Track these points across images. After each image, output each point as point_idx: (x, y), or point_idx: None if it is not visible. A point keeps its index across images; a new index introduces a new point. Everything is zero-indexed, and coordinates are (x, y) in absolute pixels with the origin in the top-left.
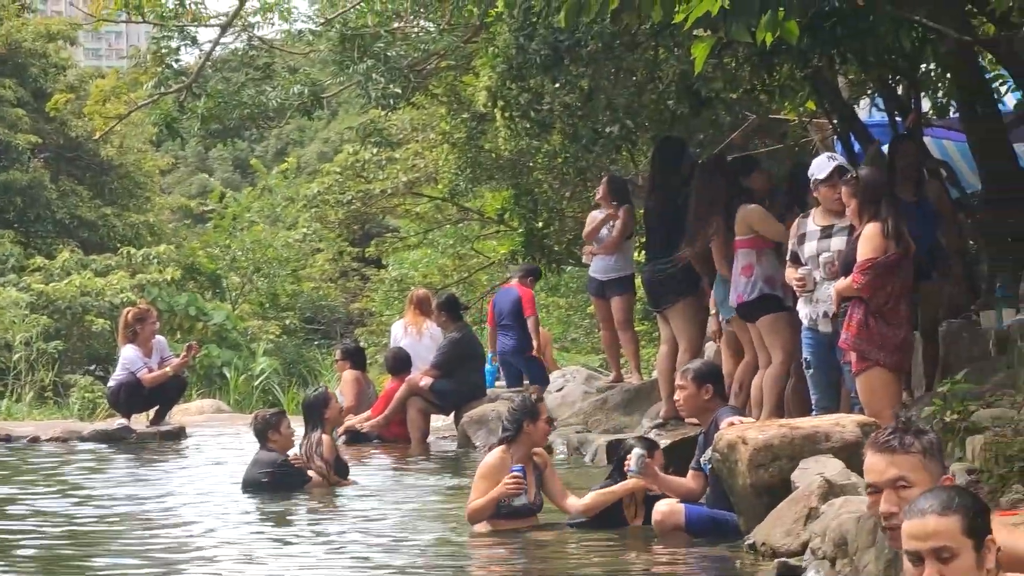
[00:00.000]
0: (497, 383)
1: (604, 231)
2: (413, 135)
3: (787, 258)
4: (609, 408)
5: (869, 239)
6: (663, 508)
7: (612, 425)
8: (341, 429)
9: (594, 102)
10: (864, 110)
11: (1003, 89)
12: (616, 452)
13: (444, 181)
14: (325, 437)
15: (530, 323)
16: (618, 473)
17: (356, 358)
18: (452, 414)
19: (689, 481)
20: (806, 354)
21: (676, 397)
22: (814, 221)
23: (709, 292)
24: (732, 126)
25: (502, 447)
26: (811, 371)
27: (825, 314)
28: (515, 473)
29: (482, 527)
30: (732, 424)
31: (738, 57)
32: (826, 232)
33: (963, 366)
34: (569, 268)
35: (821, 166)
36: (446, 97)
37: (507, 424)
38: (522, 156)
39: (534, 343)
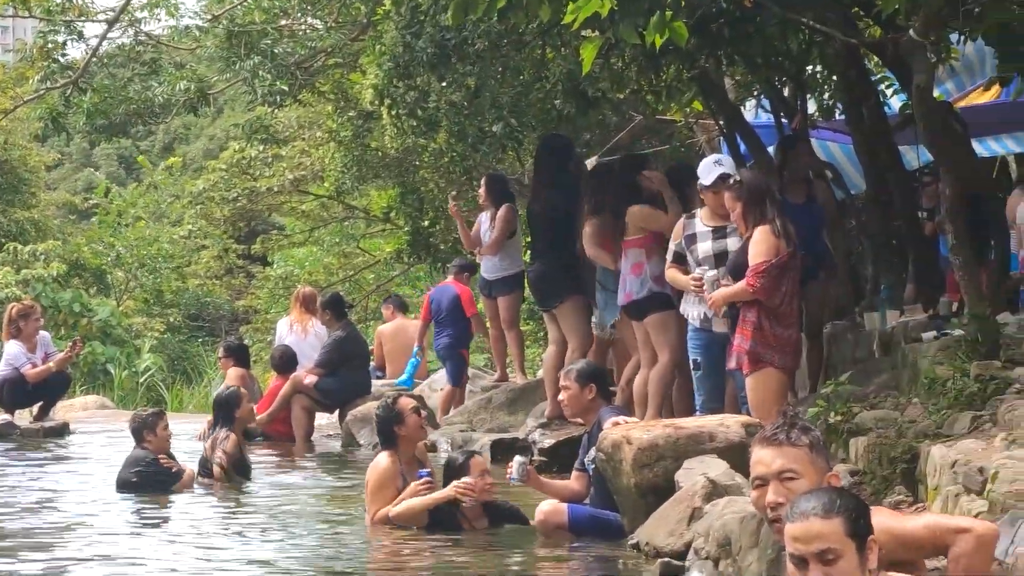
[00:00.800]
0: (377, 380)
1: (487, 231)
2: (300, 133)
3: (669, 258)
4: (494, 407)
5: (761, 241)
6: (546, 508)
7: (496, 424)
8: None
9: (480, 101)
10: (750, 111)
11: (889, 92)
12: (450, 464)
13: (330, 179)
14: (232, 435)
15: (474, 322)
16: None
17: (240, 355)
18: (337, 412)
19: (573, 483)
20: (695, 355)
21: (560, 397)
22: (703, 221)
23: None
24: (619, 126)
25: (388, 452)
26: (699, 372)
27: (726, 314)
28: (425, 479)
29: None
30: (617, 424)
31: (625, 57)
32: (719, 232)
33: (847, 367)
34: None
35: (706, 171)
36: (333, 95)
37: (380, 437)
38: (408, 154)
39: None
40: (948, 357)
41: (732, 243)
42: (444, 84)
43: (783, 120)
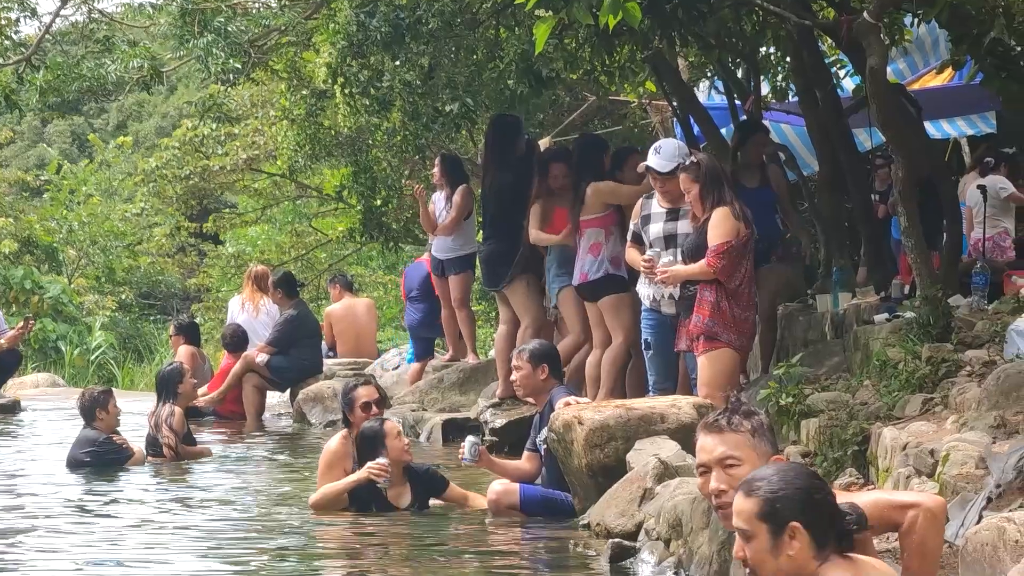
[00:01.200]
0: (329, 359)
1: (443, 212)
2: (253, 111)
3: (628, 238)
4: (445, 387)
5: (721, 223)
6: (498, 488)
7: (448, 404)
8: None
9: (434, 80)
10: (703, 93)
11: (842, 74)
12: (365, 434)
13: (283, 158)
14: (177, 410)
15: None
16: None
17: (190, 333)
18: (288, 391)
19: (524, 463)
20: (646, 335)
21: (512, 377)
22: (658, 203)
23: None
24: (572, 107)
25: (343, 433)
26: (650, 352)
27: (671, 296)
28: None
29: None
30: (568, 404)
31: (578, 38)
32: (672, 215)
33: (799, 349)
34: (408, 247)
35: (660, 162)
36: (286, 73)
37: (342, 413)
38: (361, 133)
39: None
40: (900, 339)
41: (682, 226)
42: (398, 63)
43: (736, 101)
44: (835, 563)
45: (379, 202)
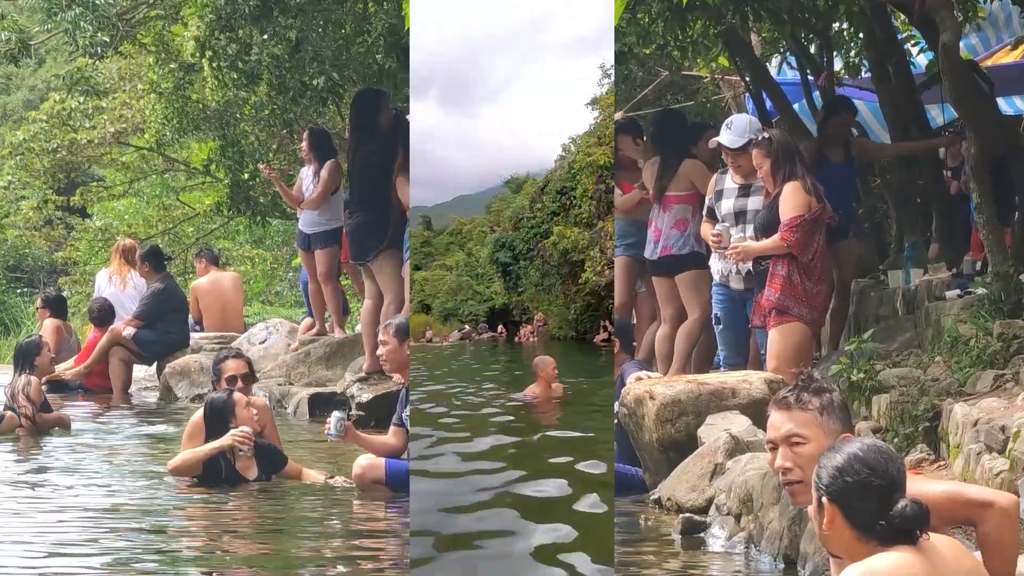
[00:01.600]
0: (195, 333)
1: (311, 186)
2: (121, 84)
3: (704, 213)
4: (312, 361)
5: (793, 197)
6: (363, 462)
7: (314, 378)
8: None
9: (302, 54)
10: (776, 68)
11: (915, 50)
12: (215, 404)
13: (151, 131)
14: (33, 379)
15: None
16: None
17: (57, 307)
18: (154, 365)
19: (390, 438)
20: (716, 310)
21: (379, 352)
22: (731, 179)
23: None
24: (644, 82)
25: None
26: (720, 327)
27: (738, 271)
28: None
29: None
30: (640, 379)
31: (651, 12)
32: (744, 191)
33: (870, 325)
34: (275, 221)
35: (730, 138)
36: (154, 46)
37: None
38: (229, 107)
39: None
40: (971, 315)
41: (753, 202)
42: (266, 37)
43: (809, 77)
44: (884, 555)
45: (247, 176)
